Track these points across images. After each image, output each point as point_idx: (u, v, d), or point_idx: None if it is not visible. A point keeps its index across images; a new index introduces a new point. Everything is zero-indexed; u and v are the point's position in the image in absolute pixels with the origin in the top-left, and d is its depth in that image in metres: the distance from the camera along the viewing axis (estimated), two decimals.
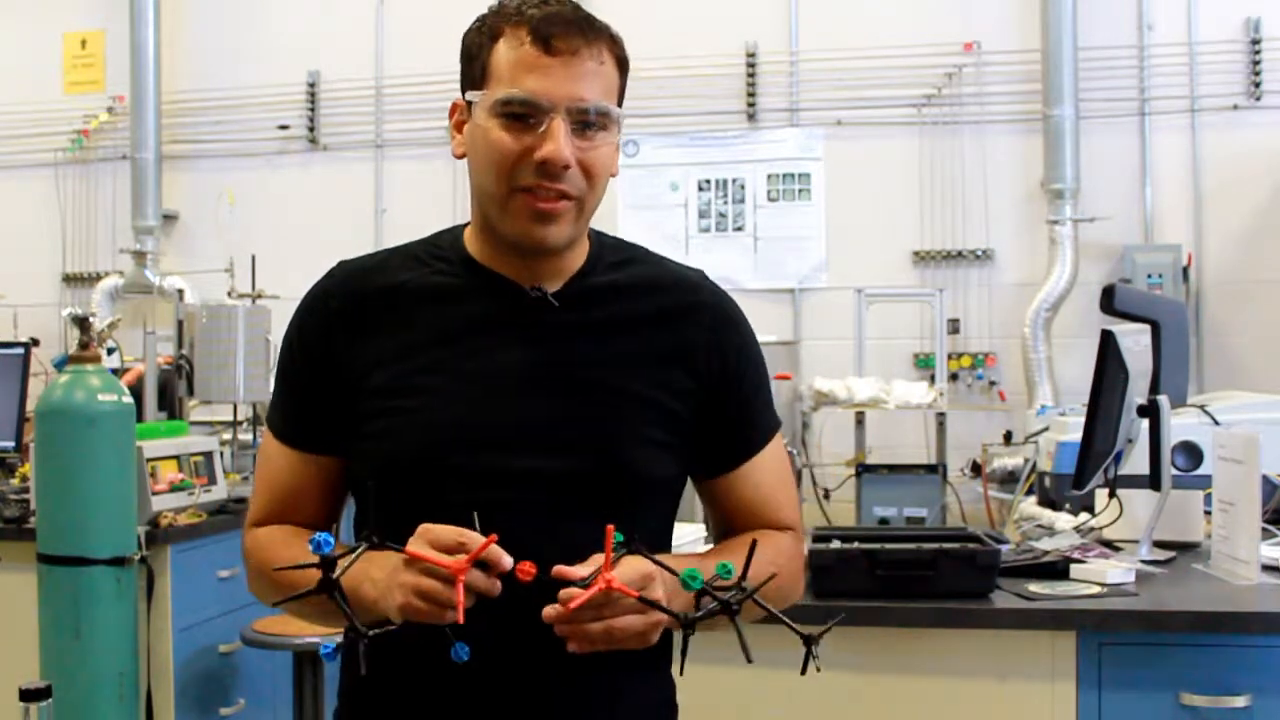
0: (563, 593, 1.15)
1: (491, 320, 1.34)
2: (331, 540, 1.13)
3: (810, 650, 1.17)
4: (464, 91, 1.34)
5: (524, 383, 1.32)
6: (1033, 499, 3.45)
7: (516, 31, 1.28)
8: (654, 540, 1.38)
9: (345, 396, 1.34)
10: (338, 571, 1.16)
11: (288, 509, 1.39)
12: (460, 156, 1.36)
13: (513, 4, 1.31)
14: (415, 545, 1.17)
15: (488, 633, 1.24)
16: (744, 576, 1.16)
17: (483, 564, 1.16)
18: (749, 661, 1.15)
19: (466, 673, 1.25)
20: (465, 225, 1.42)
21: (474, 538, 1.15)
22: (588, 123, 1.28)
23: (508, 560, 1.16)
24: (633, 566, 1.17)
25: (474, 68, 1.32)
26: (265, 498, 1.41)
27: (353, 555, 1.17)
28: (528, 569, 1.16)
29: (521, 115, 1.27)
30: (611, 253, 1.42)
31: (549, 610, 1.15)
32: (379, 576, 1.21)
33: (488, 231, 1.36)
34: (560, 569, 1.16)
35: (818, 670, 1.17)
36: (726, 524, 1.47)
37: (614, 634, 1.16)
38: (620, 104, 1.33)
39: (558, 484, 1.29)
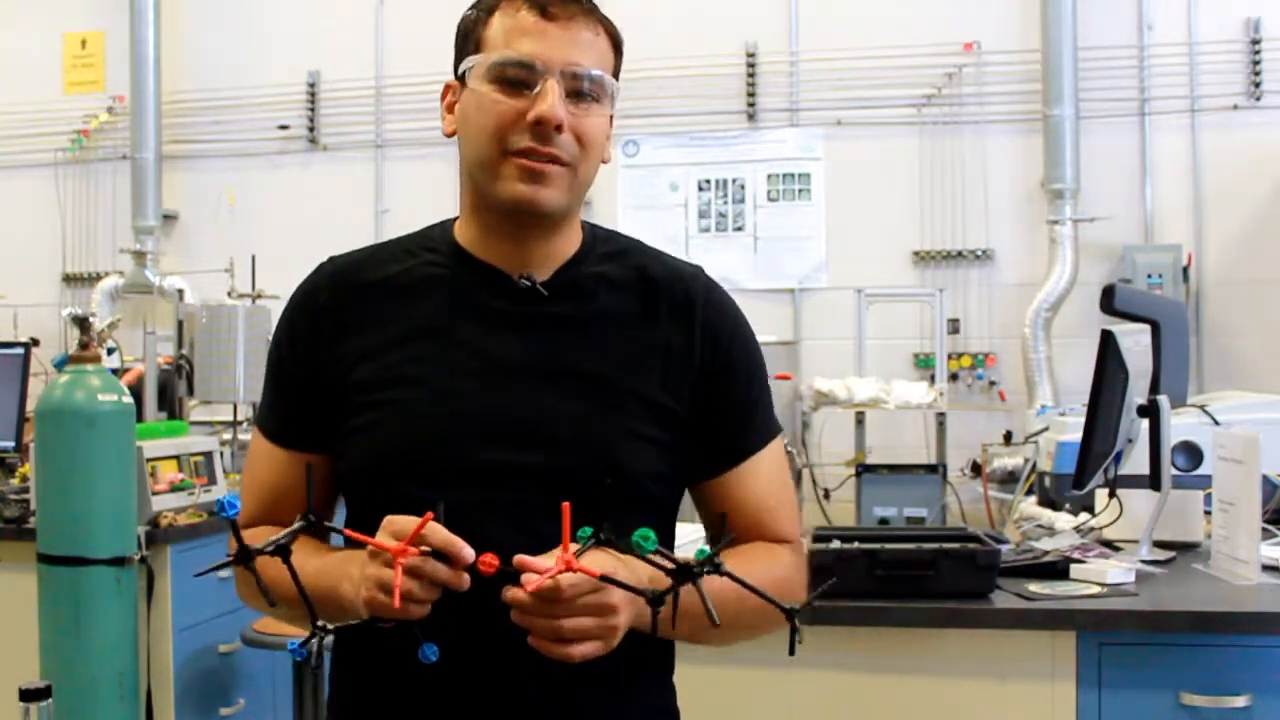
0: (525, 577, 1.11)
1: (480, 310, 1.32)
2: (237, 504, 1.10)
3: (794, 625, 1.13)
4: (455, 71, 1.33)
5: (513, 375, 1.30)
6: (1033, 499, 3.45)
7: (513, 3, 1.29)
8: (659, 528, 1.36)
9: (334, 393, 1.33)
10: (264, 546, 1.12)
11: (278, 510, 1.36)
12: (451, 134, 1.35)
13: None
14: (379, 538, 1.15)
15: (473, 642, 1.24)
16: (716, 554, 1.12)
17: (448, 561, 1.13)
18: (715, 625, 1.09)
19: (451, 683, 1.24)
20: (455, 219, 1.41)
21: (436, 529, 1.12)
22: (581, 90, 1.28)
23: (468, 552, 1.12)
24: (595, 559, 1.13)
25: (468, 43, 1.32)
26: (255, 500, 1.39)
27: (289, 530, 1.14)
28: (490, 560, 1.13)
29: (516, 81, 1.26)
30: (604, 243, 1.40)
31: (509, 591, 1.11)
32: (356, 573, 1.19)
33: (478, 213, 1.34)
34: (521, 559, 1.12)
35: (801, 642, 1.12)
36: (720, 532, 1.38)
37: (564, 633, 1.12)
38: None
39: (546, 480, 1.26)
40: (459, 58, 1.33)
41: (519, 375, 1.30)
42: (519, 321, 1.32)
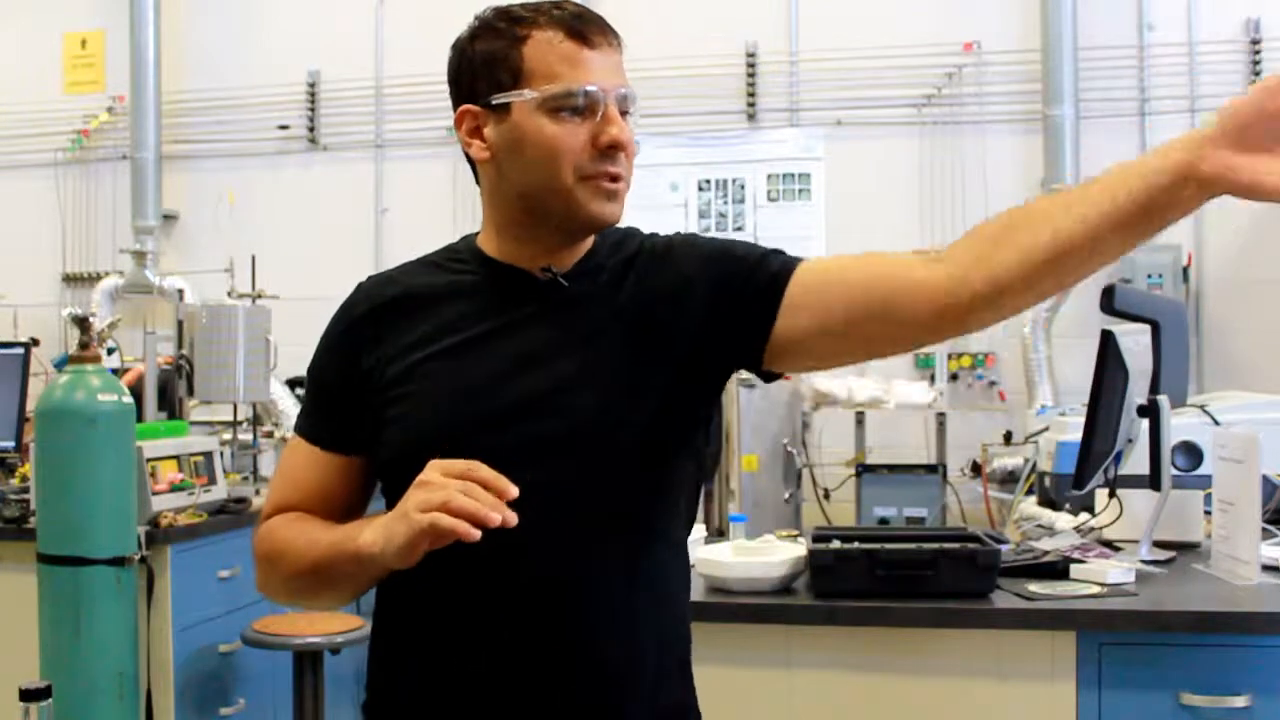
0: None
1: (504, 306, 1.39)
2: None
3: None
4: (480, 97, 1.36)
5: (537, 360, 1.36)
6: (1033, 499, 3.45)
7: (546, 33, 1.34)
8: (672, 510, 1.42)
9: (368, 397, 1.39)
10: None
11: (306, 504, 1.44)
12: (485, 160, 1.38)
13: (523, 10, 1.36)
14: (429, 473, 1.21)
15: (508, 634, 1.31)
16: None
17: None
18: None
19: (489, 674, 1.31)
20: (477, 234, 1.47)
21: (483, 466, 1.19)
22: (625, 110, 1.37)
23: (512, 490, 1.17)
24: None
25: (500, 73, 1.34)
26: (286, 490, 1.46)
27: None
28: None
29: (575, 109, 1.33)
30: (611, 233, 1.47)
31: None
32: (378, 523, 1.25)
33: (513, 227, 1.40)
34: None
35: None
36: (863, 304, 1.34)
37: None
38: None
39: (574, 448, 1.33)
40: (485, 86, 1.36)
41: (544, 359, 1.36)
42: (542, 312, 1.39)
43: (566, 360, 1.36)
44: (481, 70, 1.36)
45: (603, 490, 1.33)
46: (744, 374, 1.50)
